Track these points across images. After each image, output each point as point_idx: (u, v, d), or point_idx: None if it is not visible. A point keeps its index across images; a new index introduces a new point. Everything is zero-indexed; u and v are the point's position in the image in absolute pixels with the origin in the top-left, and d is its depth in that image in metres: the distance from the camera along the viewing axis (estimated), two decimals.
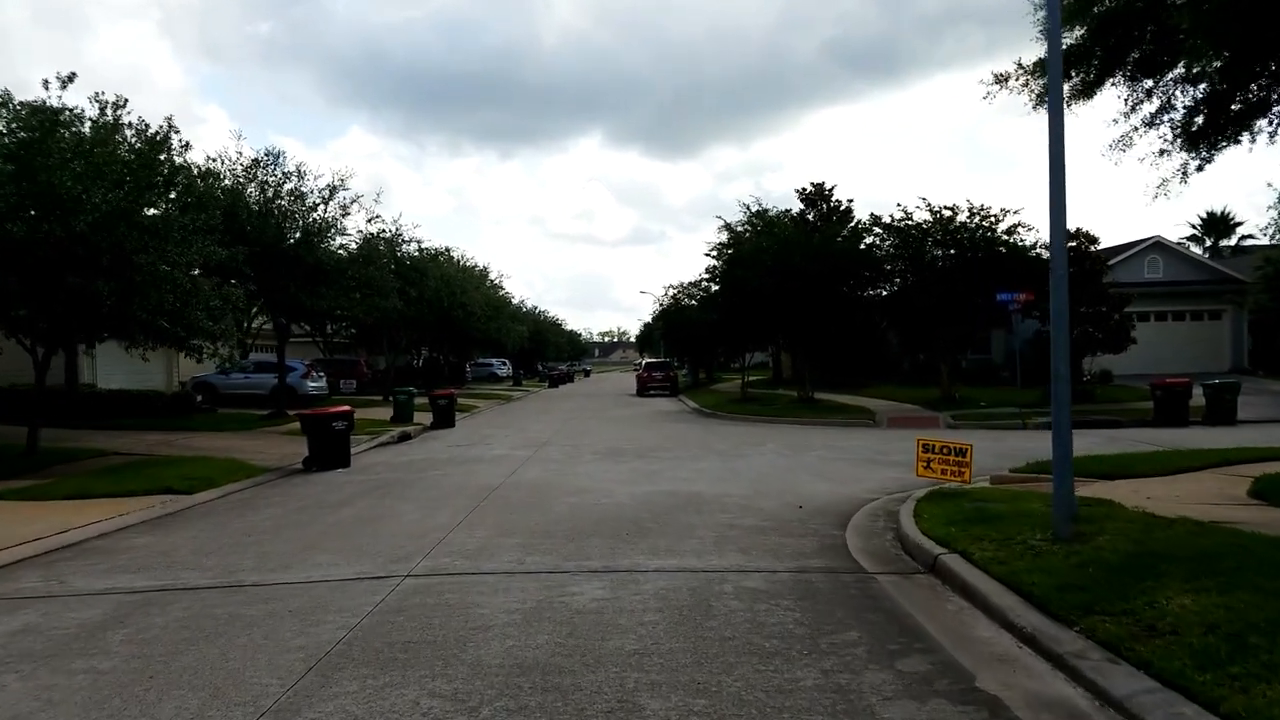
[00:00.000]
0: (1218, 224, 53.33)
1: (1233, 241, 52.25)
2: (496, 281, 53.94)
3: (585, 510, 10.14)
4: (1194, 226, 56.49)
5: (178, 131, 16.33)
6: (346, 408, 16.18)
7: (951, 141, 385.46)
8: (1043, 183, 7.04)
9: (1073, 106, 11.14)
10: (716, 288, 33.62)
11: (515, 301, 65.80)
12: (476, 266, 49.08)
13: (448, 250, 37.13)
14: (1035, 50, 11.05)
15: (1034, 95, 11.10)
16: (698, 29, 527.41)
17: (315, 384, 30.00)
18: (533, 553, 7.92)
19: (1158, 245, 33.96)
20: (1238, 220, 53.19)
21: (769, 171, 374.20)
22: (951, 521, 8.11)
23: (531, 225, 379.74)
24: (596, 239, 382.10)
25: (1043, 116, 7.33)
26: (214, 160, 23.34)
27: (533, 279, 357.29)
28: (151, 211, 15.63)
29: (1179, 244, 37.31)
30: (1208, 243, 53.42)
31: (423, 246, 33.94)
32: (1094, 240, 25.48)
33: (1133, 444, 16.37)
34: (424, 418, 25.84)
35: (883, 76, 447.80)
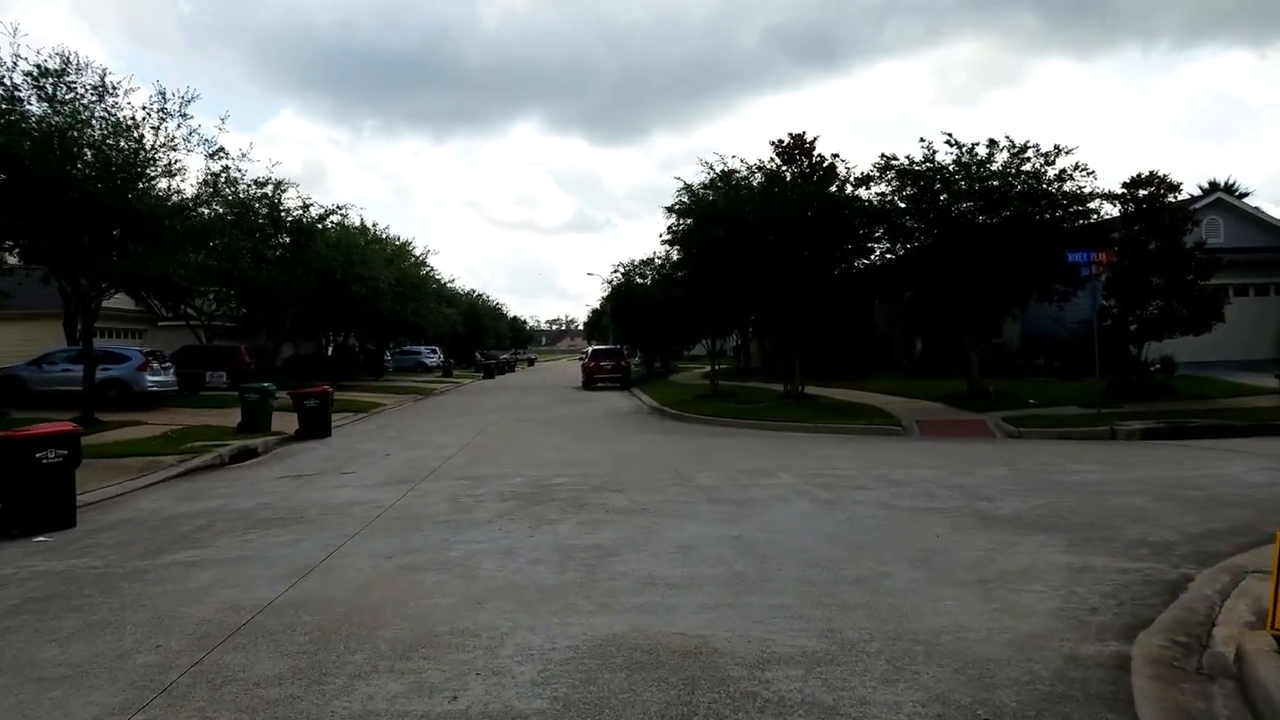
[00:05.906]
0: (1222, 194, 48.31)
1: None
2: (421, 258, 47.02)
3: None
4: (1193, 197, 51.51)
5: None
6: (67, 426, 9.37)
7: (892, 129, 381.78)
8: None
9: None
10: (678, 255, 27.21)
11: (447, 282, 58.82)
12: (394, 238, 42.10)
13: (340, 208, 29.82)
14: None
15: None
16: (640, 13, 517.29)
17: (157, 378, 22.80)
18: None
19: (1219, 204, 28.20)
20: (1244, 191, 48.14)
21: (712, 159, 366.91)
22: None
23: (470, 210, 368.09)
24: (538, 225, 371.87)
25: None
26: None
27: (476, 265, 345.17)
28: None
29: (1242, 201, 31.63)
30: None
31: (308, 203, 26.73)
32: (1174, 188, 19.54)
33: None
34: (292, 422, 19.16)
35: (824, 63, 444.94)
